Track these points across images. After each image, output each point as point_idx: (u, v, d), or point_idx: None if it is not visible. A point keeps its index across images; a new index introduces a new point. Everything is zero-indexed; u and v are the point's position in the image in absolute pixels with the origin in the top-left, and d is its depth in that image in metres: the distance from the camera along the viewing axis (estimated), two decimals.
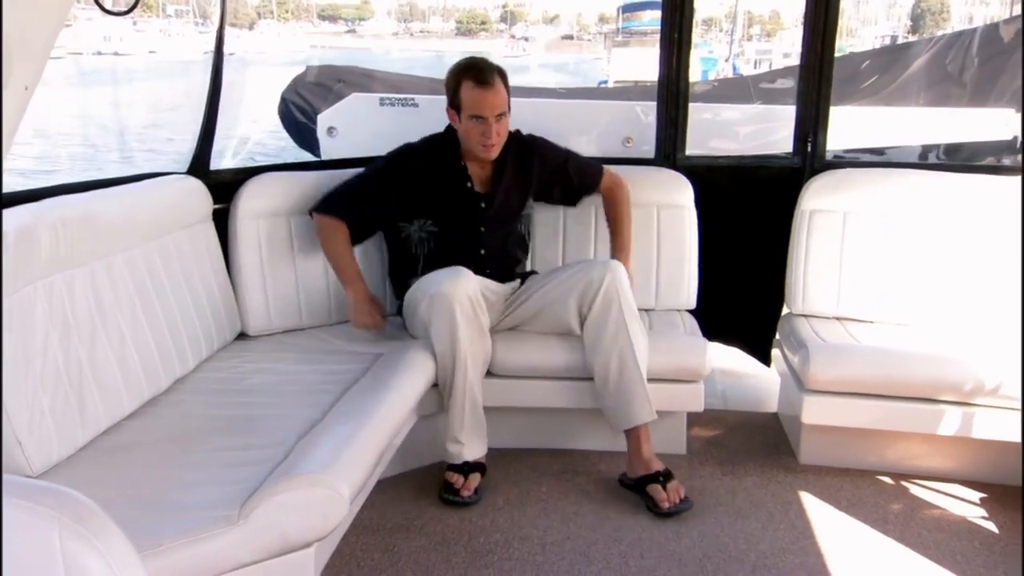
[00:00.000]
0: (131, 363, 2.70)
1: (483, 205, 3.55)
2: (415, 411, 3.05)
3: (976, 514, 3.25)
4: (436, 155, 3.57)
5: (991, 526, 3.17)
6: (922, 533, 3.10)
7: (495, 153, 3.43)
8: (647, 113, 4.62)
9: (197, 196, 3.29)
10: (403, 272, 3.63)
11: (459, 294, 3.16)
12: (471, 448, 3.27)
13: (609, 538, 3.01)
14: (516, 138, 3.65)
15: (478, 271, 3.37)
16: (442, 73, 3.50)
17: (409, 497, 3.24)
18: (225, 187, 3.45)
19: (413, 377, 2.98)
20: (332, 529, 2.25)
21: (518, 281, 3.64)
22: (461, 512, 3.15)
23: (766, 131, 3.91)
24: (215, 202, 3.40)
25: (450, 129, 3.54)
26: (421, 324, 3.30)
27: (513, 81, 3.47)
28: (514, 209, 3.70)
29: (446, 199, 3.54)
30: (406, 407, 2.87)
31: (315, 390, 2.84)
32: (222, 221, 3.45)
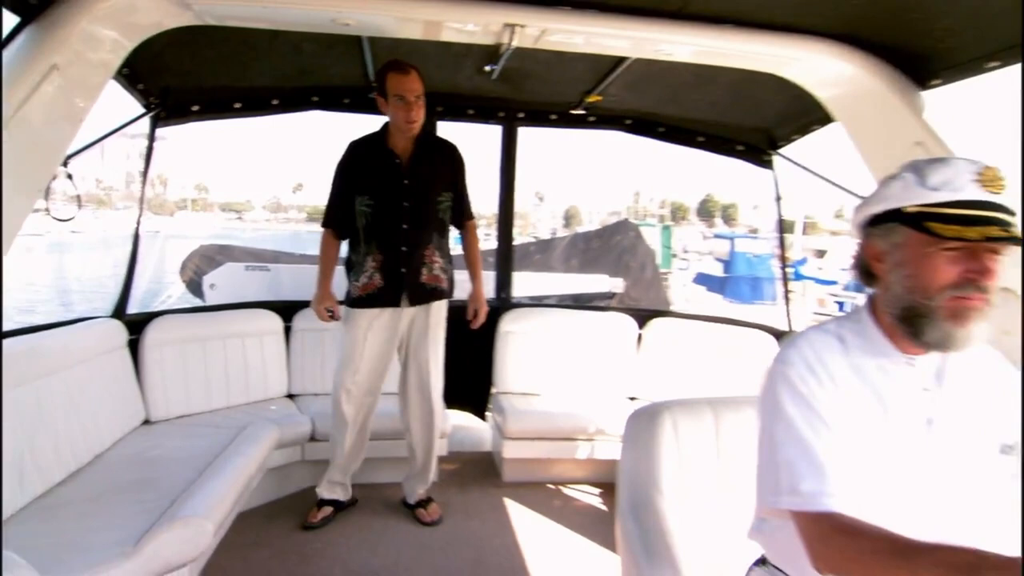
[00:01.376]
0: (63, 448, 2.42)
1: (406, 181, 2.82)
2: (263, 467, 2.86)
3: (596, 501, 3.45)
4: (370, 141, 2.88)
5: (603, 506, 3.39)
6: (569, 514, 3.24)
7: (417, 127, 2.76)
8: None
9: (116, 332, 3.01)
10: (352, 243, 2.97)
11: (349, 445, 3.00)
12: (333, 492, 3.09)
13: (391, 537, 2.92)
14: (439, 138, 3.09)
15: (397, 244, 2.83)
16: (293, 247, 3.31)
17: (261, 522, 3.01)
18: (138, 324, 3.17)
19: (262, 445, 2.80)
20: (201, 553, 2.08)
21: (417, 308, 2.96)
22: (298, 532, 2.96)
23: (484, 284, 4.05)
24: (130, 334, 3.10)
25: (381, 128, 2.89)
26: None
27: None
28: (432, 188, 2.89)
29: (376, 174, 2.83)
30: (255, 466, 2.68)
31: (194, 457, 2.61)
32: (136, 346, 3.14)
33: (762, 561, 1.35)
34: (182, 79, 3.11)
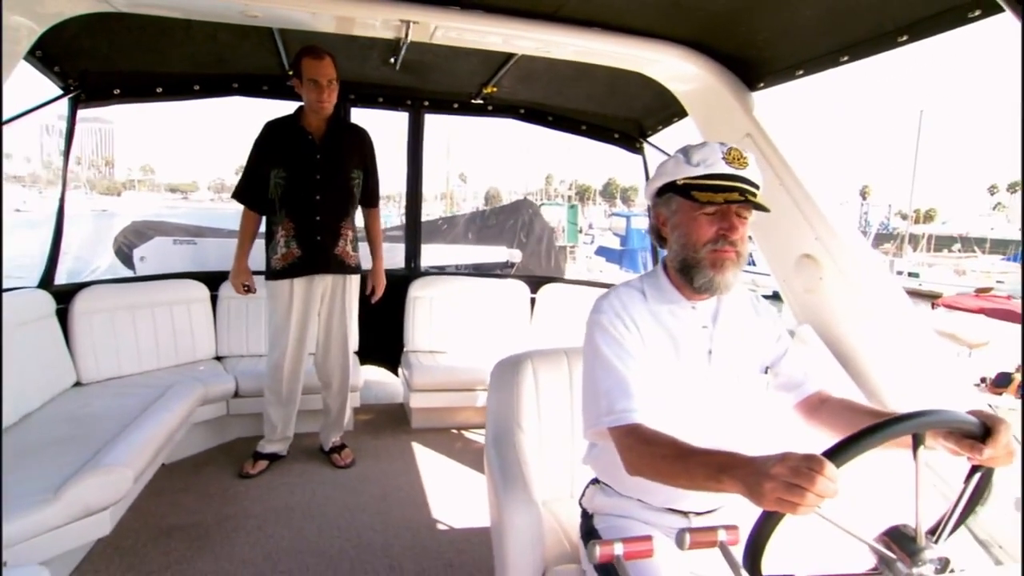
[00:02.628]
0: None
1: (318, 156, 2.74)
2: (188, 421, 2.79)
3: (481, 438, 3.49)
4: (285, 121, 2.79)
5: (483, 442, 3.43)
6: (466, 454, 3.30)
7: (328, 108, 2.69)
8: None
9: (44, 302, 2.84)
10: (269, 216, 2.83)
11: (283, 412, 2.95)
12: (272, 448, 3.03)
13: (308, 479, 2.91)
14: (351, 123, 3.04)
15: (311, 214, 2.76)
16: (234, 224, 3.17)
17: (190, 470, 2.95)
18: (66, 294, 3.00)
19: (186, 401, 2.73)
20: (121, 498, 2.03)
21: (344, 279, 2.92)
22: (223, 478, 2.89)
23: (396, 255, 3.97)
24: (59, 303, 2.94)
25: (296, 110, 2.80)
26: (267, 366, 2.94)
27: None
28: (343, 163, 2.82)
29: (290, 148, 2.73)
30: (178, 420, 2.62)
31: (122, 414, 2.52)
32: (65, 315, 2.96)
33: (595, 481, 1.46)
34: (100, 63, 2.93)
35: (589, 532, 1.40)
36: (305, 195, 2.76)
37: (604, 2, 2.06)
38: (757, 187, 1.24)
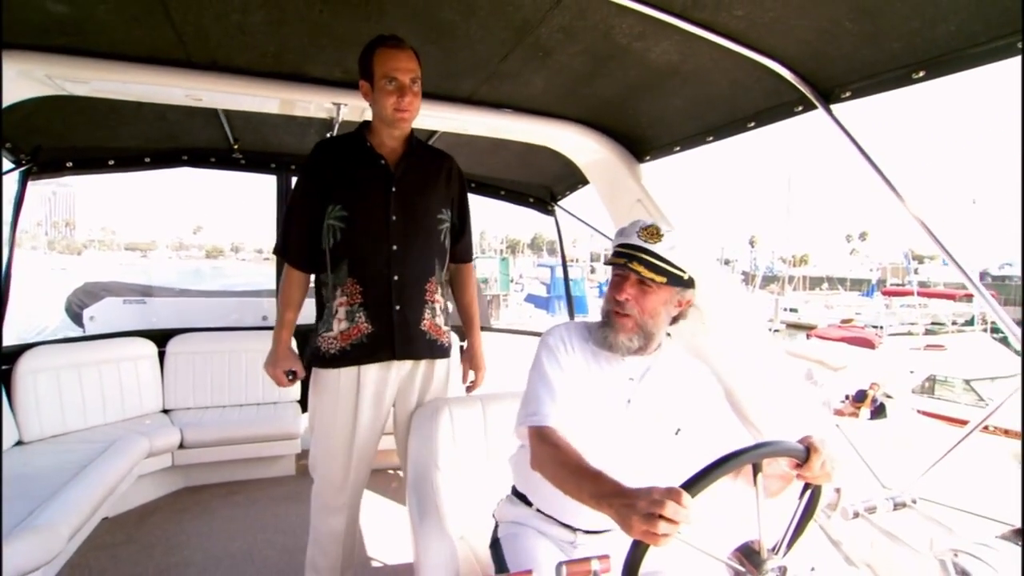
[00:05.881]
0: None
1: (394, 188, 1.71)
2: (131, 475, 2.58)
3: None
4: (345, 141, 1.77)
5: None
6: (399, 491, 2.96)
7: (409, 120, 1.67)
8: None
9: None
10: (319, 277, 1.78)
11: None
12: None
13: (248, 526, 2.71)
14: (433, 147, 1.91)
15: (385, 272, 1.69)
16: (189, 282, 2.97)
17: (133, 523, 2.70)
18: (11, 356, 2.76)
19: (128, 456, 2.54)
20: (54, 557, 1.84)
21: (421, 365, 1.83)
22: (167, 528, 2.67)
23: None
24: (2, 365, 2.70)
25: (359, 126, 1.79)
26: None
27: (226, 283, 2.55)
28: (427, 200, 1.77)
29: (355, 176, 1.71)
30: (118, 475, 2.42)
31: (61, 471, 2.30)
32: (9, 376, 2.72)
33: (511, 492, 1.44)
34: (54, 139, 2.79)
35: (494, 541, 1.39)
36: (374, 244, 1.71)
37: (511, 89, 2.14)
38: (666, 261, 1.22)
